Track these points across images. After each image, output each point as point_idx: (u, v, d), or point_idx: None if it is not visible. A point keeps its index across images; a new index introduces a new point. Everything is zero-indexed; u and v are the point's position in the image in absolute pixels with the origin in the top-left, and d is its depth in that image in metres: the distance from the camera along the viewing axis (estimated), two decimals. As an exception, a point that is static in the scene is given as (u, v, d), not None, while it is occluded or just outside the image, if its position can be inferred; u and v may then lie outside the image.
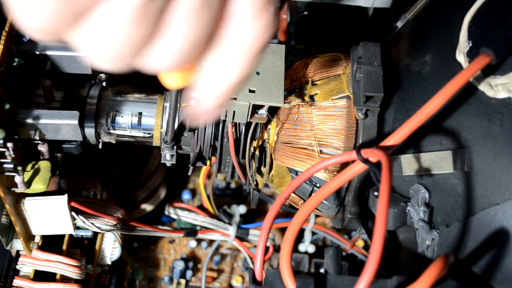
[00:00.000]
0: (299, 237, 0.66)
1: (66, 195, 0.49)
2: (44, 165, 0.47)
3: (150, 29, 0.25)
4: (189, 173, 0.53)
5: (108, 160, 0.64)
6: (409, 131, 0.39)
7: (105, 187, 0.61)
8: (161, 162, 0.52)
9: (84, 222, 0.51)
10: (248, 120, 0.48)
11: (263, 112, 0.48)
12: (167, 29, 0.25)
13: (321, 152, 0.48)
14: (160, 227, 0.59)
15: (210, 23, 0.26)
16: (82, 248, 0.57)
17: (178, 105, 0.50)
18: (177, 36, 0.26)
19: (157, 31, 0.25)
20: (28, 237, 0.51)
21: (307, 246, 0.66)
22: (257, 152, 0.51)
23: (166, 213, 0.66)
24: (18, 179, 0.46)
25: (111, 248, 0.59)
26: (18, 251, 0.52)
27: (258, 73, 0.47)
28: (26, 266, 0.52)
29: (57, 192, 0.50)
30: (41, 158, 0.48)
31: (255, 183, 0.53)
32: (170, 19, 0.25)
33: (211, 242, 0.68)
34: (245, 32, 0.27)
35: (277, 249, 0.67)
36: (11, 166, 0.44)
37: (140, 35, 0.25)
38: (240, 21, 0.27)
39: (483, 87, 0.40)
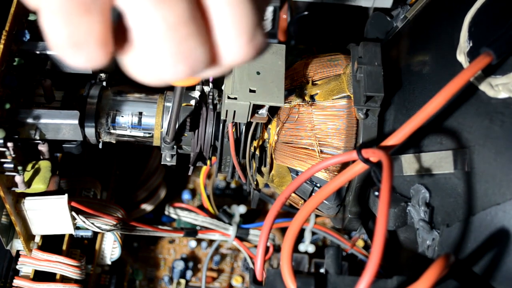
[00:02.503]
0: (299, 237, 0.66)
1: (66, 195, 0.49)
2: (44, 165, 0.47)
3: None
4: (189, 173, 0.52)
5: (108, 160, 0.64)
6: (410, 131, 0.39)
7: (105, 187, 0.61)
8: (161, 163, 0.52)
9: (84, 222, 0.51)
10: (248, 120, 0.48)
11: (263, 112, 0.48)
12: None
13: (321, 152, 0.48)
14: (160, 227, 0.59)
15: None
16: (82, 248, 0.57)
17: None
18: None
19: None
20: (28, 237, 0.51)
21: (307, 246, 0.66)
22: (257, 152, 0.51)
23: (166, 213, 0.66)
24: (18, 178, 0.45)
25: (111, 248, 0.59)
26: (18, 251, 0.52)
27: (258, 73, 0.47)
28: (26, 266, 0.52)
29: (57, 192, 0.50)
30: (41, 158, 0.48)
31: (255, 183, 0.53)
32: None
33: (211, 242, 0.68)
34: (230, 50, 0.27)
35: (277, 249, 0.66)
36: (12, 165, 0.44)
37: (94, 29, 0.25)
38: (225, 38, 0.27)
39: (483, 87, 0.40)
